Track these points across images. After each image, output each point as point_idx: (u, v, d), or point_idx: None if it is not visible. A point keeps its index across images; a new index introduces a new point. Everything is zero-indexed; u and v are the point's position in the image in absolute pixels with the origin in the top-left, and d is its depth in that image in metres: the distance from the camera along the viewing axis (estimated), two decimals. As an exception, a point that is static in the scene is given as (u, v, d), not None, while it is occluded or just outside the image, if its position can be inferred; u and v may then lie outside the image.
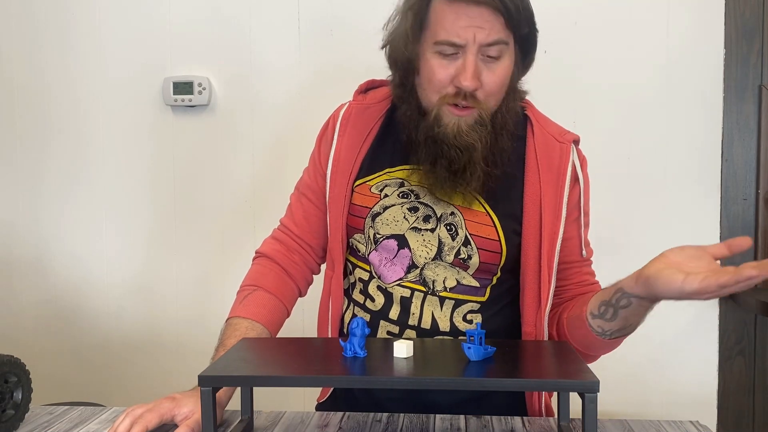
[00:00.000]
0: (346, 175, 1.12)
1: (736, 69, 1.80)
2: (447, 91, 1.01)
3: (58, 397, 1.90)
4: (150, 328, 2.00)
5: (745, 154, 1.81)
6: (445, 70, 1.00)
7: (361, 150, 1.13)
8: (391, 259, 1.09)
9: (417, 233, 1.08)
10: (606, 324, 0.97)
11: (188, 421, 0.92)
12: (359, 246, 1.13)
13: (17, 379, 0.94)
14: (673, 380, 1.86)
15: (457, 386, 0.79)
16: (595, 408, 0.76)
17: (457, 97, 1.01)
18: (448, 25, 0.98)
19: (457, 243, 1.07)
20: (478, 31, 0.97)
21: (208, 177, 1.95)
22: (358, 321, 0.85)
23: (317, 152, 1.21)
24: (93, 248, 2.01)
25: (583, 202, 1.12)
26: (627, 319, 0.94)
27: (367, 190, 1.12)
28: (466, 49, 0.98)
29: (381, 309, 1.11)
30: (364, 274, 1.14)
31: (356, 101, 1.18)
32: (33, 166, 2.02)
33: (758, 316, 1.82)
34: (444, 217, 1.08)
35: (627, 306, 0.92)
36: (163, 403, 0.94)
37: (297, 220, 1.21)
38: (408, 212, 1.09)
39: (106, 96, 1.97)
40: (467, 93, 1.00)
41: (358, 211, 1.12)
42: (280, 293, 1.16)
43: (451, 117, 1.02)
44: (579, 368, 0.81)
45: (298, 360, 0.87)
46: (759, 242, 1.82)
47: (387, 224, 1.09)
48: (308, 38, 1.90)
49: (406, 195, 1.10)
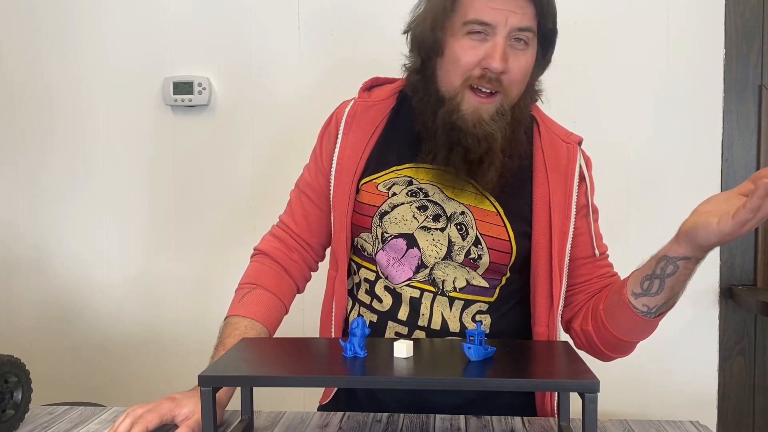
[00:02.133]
0: (351, 174, 1.10)
1: (736, 69, 1.80)
2: (473, 74, 1.00)
3: (58, 397, 1.90)
4: (150, 327, 2.00)
5: (745, 154, 1.81)
6: (474, 51, 0.99)
7: (366, 148, 1.11)
8: (399, 258, 1.08)
9: (426, 232, 1.06)
10: (651, 300, 0.96)
11: (188, 421, 0.92)
12: (365, 245, 1.11)
13: (17, 379, 0.94)
14: (673, 380, 1.86)
15: (457, 386, 0.79)
16: (595, 408, 0.76)
17: (482, 80, 0.99)
18: (479, 5, 0.98)
19: (468, 243, 1.06)
20: (511, 15, 0.97)
21: (208, 177, 1.95)
22: (358, 321, 0.85)
23: (319, 150, 1.19)
24: (93, 248, 2.01)
25: (590, 201, 1.12)
26: (673, 288, 0.94)
27: (374, 188, 1.10)
28: (496, 31, 0.98)
29: (389, 310, 1.09)
30: (369, 275, 1.12)
31: (361, 99, 1.16)
32: (33, 165, 2.02)
33: (758, 316, 1.82)
34: (454, 216, 1.06)
35: (673, 273, 0.92)
36: (163, 404, 0.94)
37: (296, 219, 1.20)
38: (417, 211, 1.07)
39: (106, 96, 1.97)
40: (493, 77, 0.99)
41: (365, 209, 1.10)
42: (278, 291, 1.15)
43: (472, 103, 1.01)
44: (579, 368, 0.81)
45: (298, 360, 0.87)
46: (759, 242, 1.82)
47: (395, 223, 1.07)
48: (308, 38, 1.90)
49: (415, 193, 1.08)
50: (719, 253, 1.83)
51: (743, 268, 1.83)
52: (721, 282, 1.83)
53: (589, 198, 1.12)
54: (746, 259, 1.83)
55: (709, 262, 1.83)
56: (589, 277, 1.12)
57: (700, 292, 1.83)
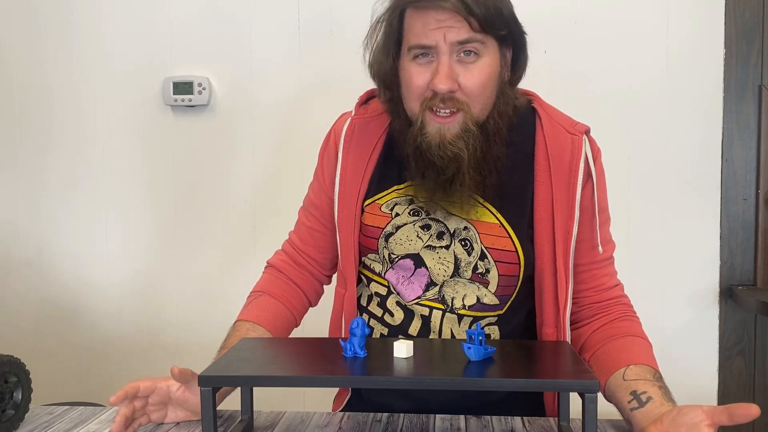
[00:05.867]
0: (354, 196, 1.10)
1: (736, 69, 1.80)
2: (426, 96, 0.99)
3: (58, 397, 1.90)
4: (150, 328, 2.00)
5: (745, 154, 1.81)
6: (421, 75, 0.99)
7: (367, 168, 1.10)
8: (409, 277, 1.07)
9: (432, 251, 1.06)
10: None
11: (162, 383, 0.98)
12: (375, 265, 1.11)
13: (17, 379, 0.94)
14: (673, 380, 1.83)
15: (457, 386, 0.79)
16: (595, 408, 0.76)
17: (435, 101, 0.98)
18: (418, 29, 0.98)
19: (474, 258, 1.05)
20: (448, 31, 0.96)
21: (208, 177, 1.95)
22: (358, 321, 0.85)
23: (320, 170, 1.18)
24: (93, 248, 2.01)
25: (598, 198, 1.07)
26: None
27: (377, 210, 1.09)
28: (438, 51, 0.97)
29: (400, 324, 1.09)
30: (381, 289, 1.11)
31: (358, 115, 1.14)
32: (33, 165, 2.02)
33: (758, 316, 1.82)
34: (458, 232, 1.05)
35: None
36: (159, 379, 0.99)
37: (302, 236, 1.20)
38: (421, 230, 1.06)
39: (106, 96, 1.97)
40: (446, 96, 0.98)
41: (370, 231, 1.09)
42: (285, 300, 1.16)
43: (433, 125, 0.99)
44: (579, 368, 0.81)
45: (299, 360, 0.87)
46: (759, 242, 1.82)
47: (401, 244, 1.07)
48: (308, 38, 1.89)
49: (417, 212, 1.07)
50: (719, 253, 1.83)
51: (743, 268, 1.83)
52: (721, 282, 1.83)
53: (596, 198, 1.07)
54: (746, 259, 1.83)
55: (709, 262, 1.84)
56: (582, 287, 1.09)
57: (700, 292, 1.83)
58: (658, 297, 1.82)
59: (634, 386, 0.94)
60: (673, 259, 1.83)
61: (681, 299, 1.83)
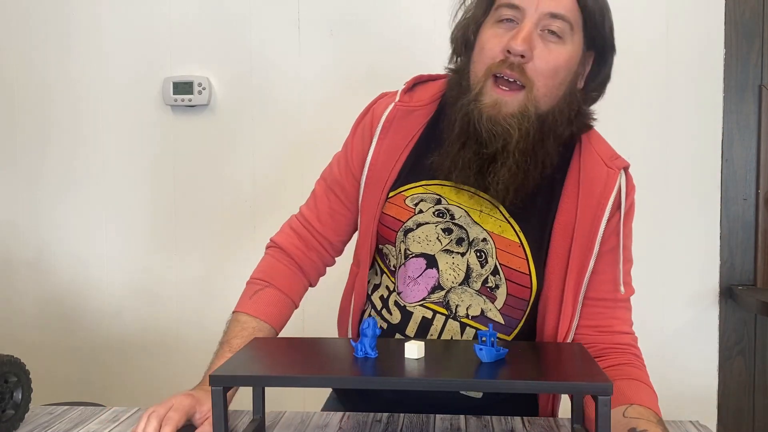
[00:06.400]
0: (381, 182, 1.06)
1: (736, 69, 1.80)
2: (495, 60, 0.94)
3: (58, 397, 1.89)
4: (150, 328, 2.00)
5: (745, 154, 1.81)
6: (499, 38, 0.94)
7: (400, 157, 1.05)
8: (416, 278, 1.04)
9: (448, 255, 1.02)
10: None
11: (209, 419, 0.90)
12: (389, 256, 1.08)
13: (17, 379, 0.94)
14: (673, 380, 1.85)
15: (469, 388, 0.78)
16: (608, 410, 0.73)
17: (503, 65, 0.93)
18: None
19: (486, 271, 1.01)
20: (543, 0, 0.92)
21: (208, 177, 1.95)
22: (369, 321, 0.83)
23: (351, 146, 1.12)
24: (93, 248, 2.01)
25: (623, 235, 1.01)
26: None
27: (401, 202, 1.05)
28: (525, 16, 0.93)
29: (398, 324, 1.06)
30: (390, 283, 1.09)
31: (402, 102, 1.08)
32: (33, 166, 2.02)
33: (758, 316, 1.82)
34: (476, 242, 1.01)
35: None
36: (183, 401, 0.91)
37: (321, 217, 1.13)
38: (442, 233, 1.02)
39: (106, 96, 1.97)
40: (515, 62, 0.92)
41: (391, 222, 1.06)
42: (291, 291, 1.12)
43: (493, 96, 0.95)
44: (592, 370, 0.79)
45: (310, 360, 0.86)
46: (759, 242, 1.82)
47: (419, 242, 1.03)
48: (308, 38, 1.89)
49: (442, 214, 1.03)
50: (719, 253, 1.83)
51: (743, 268, 1.83)
52: (721, 282, 1.83)
53: (622, 231, 1.01)
54: (746, 259, 1.83)
55: (709, 262, 1.84)
56: (584, 323, 1.02)
57: (700, 292, 1.83)
58: (658, 297, 1.82)
59: (634, 423, 0.87)
60: (673, 259, 1.83)
61: (681, 299, 1.83)
